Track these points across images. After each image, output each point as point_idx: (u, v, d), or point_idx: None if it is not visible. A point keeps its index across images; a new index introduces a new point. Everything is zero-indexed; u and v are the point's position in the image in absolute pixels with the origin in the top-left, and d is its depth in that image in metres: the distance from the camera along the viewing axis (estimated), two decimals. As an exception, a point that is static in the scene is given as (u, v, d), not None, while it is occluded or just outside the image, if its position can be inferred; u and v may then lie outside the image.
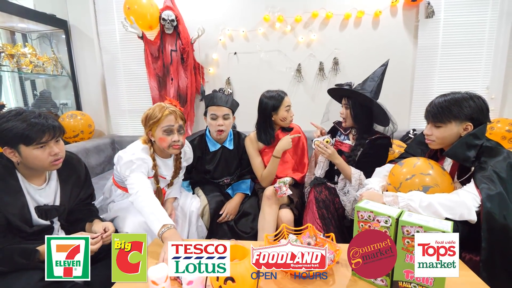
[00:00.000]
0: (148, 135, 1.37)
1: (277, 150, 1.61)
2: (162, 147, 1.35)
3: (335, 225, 1.44)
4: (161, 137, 1.32)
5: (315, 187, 1.53)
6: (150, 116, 1.32)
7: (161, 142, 1.33)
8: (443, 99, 1.17)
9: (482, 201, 1.04)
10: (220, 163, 1.71)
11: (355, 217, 0.87)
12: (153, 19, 2.24)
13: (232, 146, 1.73)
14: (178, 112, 1.36)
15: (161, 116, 1.30)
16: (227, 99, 1.59)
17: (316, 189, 1.50)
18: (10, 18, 2.24)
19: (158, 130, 1.32)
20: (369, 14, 2.27)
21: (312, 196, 1.48)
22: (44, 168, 1.08)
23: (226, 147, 1.71)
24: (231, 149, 1.72)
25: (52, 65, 2.44)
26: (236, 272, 0.77)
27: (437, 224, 0.74)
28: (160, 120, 1.30)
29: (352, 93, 1.54)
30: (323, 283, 0.90)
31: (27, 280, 0.98)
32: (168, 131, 1.32)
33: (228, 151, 1.72)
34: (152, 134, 1.34)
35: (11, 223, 1.04)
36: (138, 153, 1.33)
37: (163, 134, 1.32)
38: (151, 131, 1.34)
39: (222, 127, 1.58)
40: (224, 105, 1.57)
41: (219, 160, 1.71)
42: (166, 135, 1.32)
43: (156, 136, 1.33)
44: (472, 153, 1.12)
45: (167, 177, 1.48)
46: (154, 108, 1.33)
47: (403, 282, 0.80)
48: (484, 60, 2.23)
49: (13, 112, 1.02)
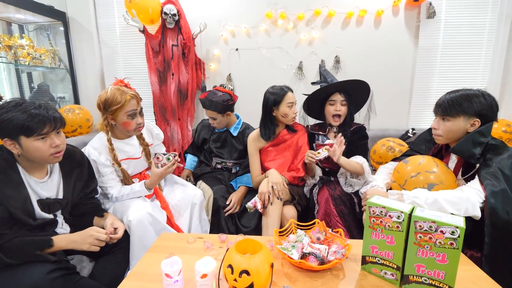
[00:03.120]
0: (107, 119, 1.37)
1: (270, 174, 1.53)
2: (127, 130, 1.40)
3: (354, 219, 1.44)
4: (125, 121, 1.36)
5: (327, 184, 1.52)
6: (111, 101, 1.32)
7: (126, 126, 1.38)
8: (454, 94, 1.19)
9: (486, 197, 1.07)
10: (225, 145, 1.94)
11: (367, 212, 0.88)
12: (154, 13, 2.21)
13: (236, 133, 1.91)
14: (137, 94, 1.40)
15: (124, 101, 1.32)
16: (210, 103, 1.76)
17: (330, 187, 1.49)
18: (7, 8, 2.17)
19: (122, 115, 1.34)
20: (371, 13, 2.28)
21: (327, 194, 1.46)
22: (45, 160, 1.06)
23: (231, 132, 1.90)
24: (235, 135, 1.91)
25: (50, 58, 2.39)
26: (251, 265, 0.77)
27: (449, 219, 0.76)
28: (123, 106, 1.32)
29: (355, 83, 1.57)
30: (334, 277, 0.91)
31: (36, 273, 0.97)
32: (132, 115, 1.36)
33: (231, 136, 1.92)
34: (114, 118, 1.36)
35: (14, 216, 1.02)
36: (92, 153, 1.37)
37: (127, 118, 1.35)
38: (113, 116, 1.35)
39: (213, 124, 1.87)
40: (208, 109, 1.79)
41: (224, 141, 1.94)
42: (131, 119, 1.36)
43: (120, 120, 1.36)
44: (477, 150, 1.14)
45: (136, 155, 1.51)
46: (113, 93, 1.32)
47: (414, 276, 0.82)
48: (483, 61, 2.27)
49: (12, 102, 0.99)
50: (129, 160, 1.47)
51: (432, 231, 0.76)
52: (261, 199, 1.43)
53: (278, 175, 1.51)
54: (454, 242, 0.74)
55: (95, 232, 1.07)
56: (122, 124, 1.37)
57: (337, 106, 1.59)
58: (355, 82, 1.58)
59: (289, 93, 1.59)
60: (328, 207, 1.42)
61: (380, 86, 2.31)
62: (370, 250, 0.90)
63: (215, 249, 1.06)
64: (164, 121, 2.44)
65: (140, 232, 1.28)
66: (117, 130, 1.43)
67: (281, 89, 1.59)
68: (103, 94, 1.34)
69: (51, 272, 0.99)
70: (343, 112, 1.59)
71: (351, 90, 1.61)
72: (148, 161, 1.56)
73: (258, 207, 1.41)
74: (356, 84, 1.59)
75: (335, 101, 1.59)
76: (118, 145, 1.44)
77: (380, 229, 0.86)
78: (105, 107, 1.33)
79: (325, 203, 1.45)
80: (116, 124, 1.38)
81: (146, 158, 1.55)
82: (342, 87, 1.59)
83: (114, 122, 1.38)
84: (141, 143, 1.54)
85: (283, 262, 0.98)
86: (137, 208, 1.33)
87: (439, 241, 0.75)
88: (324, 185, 1.55)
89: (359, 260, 0.96)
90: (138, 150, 1.52)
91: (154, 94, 2.41)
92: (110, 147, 1.39)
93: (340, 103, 1.58)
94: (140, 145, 1.53)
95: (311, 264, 0.89)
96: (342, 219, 1.38)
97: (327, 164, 1.67)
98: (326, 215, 1.43)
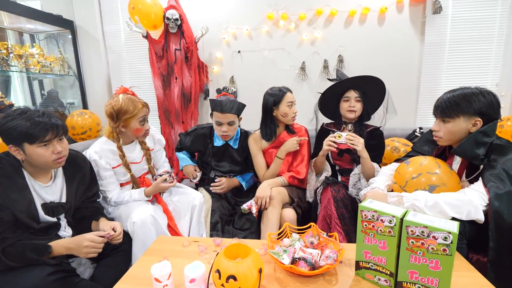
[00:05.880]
0: (118, 127, 1.42)
1: (281, 151, 1.59)
2: (137, 136, 1.46)
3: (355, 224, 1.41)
4: (137, 128, 1.43)
5: (331, 185, 1.49)
6: (126, 110, 1.38)
7: (137, 132, 1.44)
8: (451, 94, 1.15)
9: (490, 200, 1.02)
10: (225, 159, 1.75)
11: (359, 217, 0.86)
12: (157, 18, 2.25)
13: (237, 146, 1.75)
14: (145, 103, 1.47)
15: (137, 110, 1.39)
16: (232, 105, 1.56)
17: (334, 188, 1.46)
18: (18, 19, 2.27)
19: (134, 122, 1.41)
20: (374, 11, 2.23)
21: (330, 195, 1.43)
22: (47, 166, 1.09)
23: (231, 145, 1.73)
24: (236, 148, 1.74)
25: (59, 65, 2.48)
26: (238, 270, 0.77)
27: (442, 224, 0.73)
28: (137, 114, 1.40)
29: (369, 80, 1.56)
30: (326, 282, 0.89)
31: (37, 275, 1.00)
32: (143, 121, 1.44)
33: (232, 149, 1.74)
34: (126, 126, 1.42)
35: (19, 220, 1.06)
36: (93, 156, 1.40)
37: (139, 125, 1.42)
38: (125, 123, 1.40)
39: (226, 133, 1.61)
40: (229, 111, 1.55)
41: (223, 156, 1.75)
42: (142, 126, 1.44)
43: (132, 127, 1.42)
44: (481, 151, 1.09)
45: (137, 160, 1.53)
46: (126, 103, 1.38)
47: (408, 283, 0.79)
48: (494, 57, 2.18)
49: (18, 111, 1.04)
50: (131, 165, 1.51)
51: (424, 237, 0.73)
52: (257, 204, 1.42)
53: (267, 188, 1.51)
54: (447, 248, 0.71)
55: (87, 241, 1.07)
56: (133, 131, 1.43)
57: (352, 102, 1.58)
58: (369, 78, 1.57)
59: (288, 93, 1.61)
60: (329, 209, 1.40)
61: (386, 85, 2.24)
62: (363, 255, 0.88)
63: (209, 252, 1.06)
64: (168, 125, 2.48)
65: (142, 233, 1.31)
66: (123, 136, 1.47)
67: (279, 90, 1.60)
68: (115, 103, 1.38)
69: (51, 274, 1.02)
70: (358, 108, 1.58)
71: (365, 88, 1.60)
72: (149, 165, 1.59)
73: (253, 210, 1.40)
74: (370, 81, 1.58)
75: (349, 97, 1.59)
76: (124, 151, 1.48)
77: (372, 234, 0.84)
78: (118, 115, 1.38)
79: (326, 204, 1.43)
80: (126, 131, 1.43)
81: (146, 162, 1.58)
82: (356, 83, 1.58)
83: (125, 129, 1.43)
84: (143, 147, 1.57)
85: (276, 267, 0.97)
86: (140, 210, 1.36)
87: (431, 247, 0.73)
88: (328, 186, 1.52)
89: (354, 265, 0.93)
90: (139, 155, 1.55)
91: (158, 98, 2.45)
92: (120, 153, 1.45)
93: (354, 99, 1.58)
94: (142, 149, 1.57)
95: (301, 270, 0.87)
96: (342, 222, 1.34)
97: (339, 161, 1.64)
98: (326, 217, 1.41)
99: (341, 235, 1.31)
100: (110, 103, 1.39)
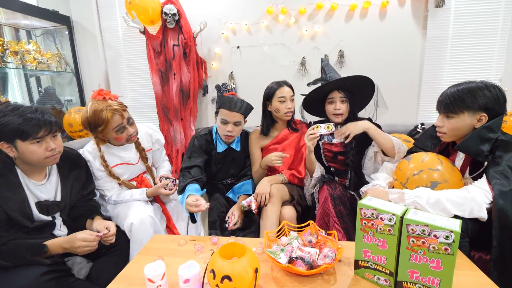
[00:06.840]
0: (99, 137, 1.36)
1: (263, 162, 1.56)
2: (120, 142, 1.39)
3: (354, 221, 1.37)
4: (116, 137, 1.34)
5: (327, 183, 1.45)
6: (94, 121, 1.27)
7: (118, 140, 1.36)
8: (456, 89, 1.11)
9: (494, 197, 0.99)
10: (225, 164, 1.65)
11: (358, 215, 0.84)
12: (154, 13, 2.21)
13: (239, 148, 1.66)
14: (118, 107, 1.31)
15: (106, 120, 1.27)
16: (241, 105, 1.47)
17: (330, 186, 1.42)
18: (14, 15, 2.24)
19: (110, 132, 1.32)
20: (375, 5, 2.19)
21: (326, 193, 1.39)
22: (41, 163, 1.07)
23: (233, 148, 1.65)
24: (238, 150, 1.66)
25: (56, 62, 2.45)
26: (233, 270, 0.75)
27: (444, 222, 0.70)
28: (108, 124, 1.28)
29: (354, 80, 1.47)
30: (324, 282, 0.87)
31: (31, 274, 0.98)
32: (120, 130, 1.33)
33: (234, 152, 1.65)
34: (104, 135, 1.35)
35: (12, 219, 1.04)
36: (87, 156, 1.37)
37: (117, 133, 1.33)
38: (102, 134, 1.33)
39: (231, 133, 1.50)
40: (237, 111, 1.46)
41: (224, 161, 1.64)
42: (120, 133, 1.33)
43: (110, 136, 1.35)
44: (485, 147, 1.06)
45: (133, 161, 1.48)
46: (94, 113, 1.26)
47: (408, 282, 0.77)
48: (497, 51, 2.13)
49: (10, 107, 1.02)
50: (125, 165, 1.46)
51: (425, 235, 0.71)
52: (257, 200, 1.40)
53: (267, 184, 1.47)
54: (449, 247, 0.68)
55: (79, 241, 1.04)
56: (114, 139, 1.37)
57: (337, 104, 1.49)
58: (354, 78, 1.46)
59: (282, 88, 1.54)
60: (326, 207, 1.37)
61: (387, 80, 2.22)
62: (362, 254, 0.86)
63: (205, 251, 1.04)
64: (167, 121, 2.45)
65: (141, 234, 1.28)
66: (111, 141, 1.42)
67: (276, 84, 1.56)
68: (84, 113, 1.30)
69: (46, 274, 1.00)
70: (344, 110, 1.49)
71: (352, 87, 1.51)
72: (145, 165, 1.55)
73: (253, 207, 1.38)
74: (355, 80, 1.47)
75: (334, 98, 1.50)
76: (114, 151, 1.43)
77: (371, 232, 0.82)
78: (91, 128, 1.31)
79: (323, 203, 1.40)
80: (108, 139, 1.39)
81: (143, 162, 1.54)
82: (339, 85, 1.49)
83: (107, 138, 1.38)
84: (137, 148, 1.51)
85: (273, 266, 0.95)
86: (139, 210, 1.34)
87: (432, 246, 0.70)
88: (324, 183, 1.49)
89: (353, 264, 0.91)
90: (135, 156, 1.50)
91: (156, 94, 2.42)
92: (104, 163, 1.37)
93: (339, 101, 1.49)
94: (136, 149, 1.51)
95: (298, 269, 0.85)
96: (341, 220, 1.32)
97: (334, 164, 1.59)
98: (324, 215, 1.38)
99: (340, 233, 1.28)
100: (82, 113, 1.33)
